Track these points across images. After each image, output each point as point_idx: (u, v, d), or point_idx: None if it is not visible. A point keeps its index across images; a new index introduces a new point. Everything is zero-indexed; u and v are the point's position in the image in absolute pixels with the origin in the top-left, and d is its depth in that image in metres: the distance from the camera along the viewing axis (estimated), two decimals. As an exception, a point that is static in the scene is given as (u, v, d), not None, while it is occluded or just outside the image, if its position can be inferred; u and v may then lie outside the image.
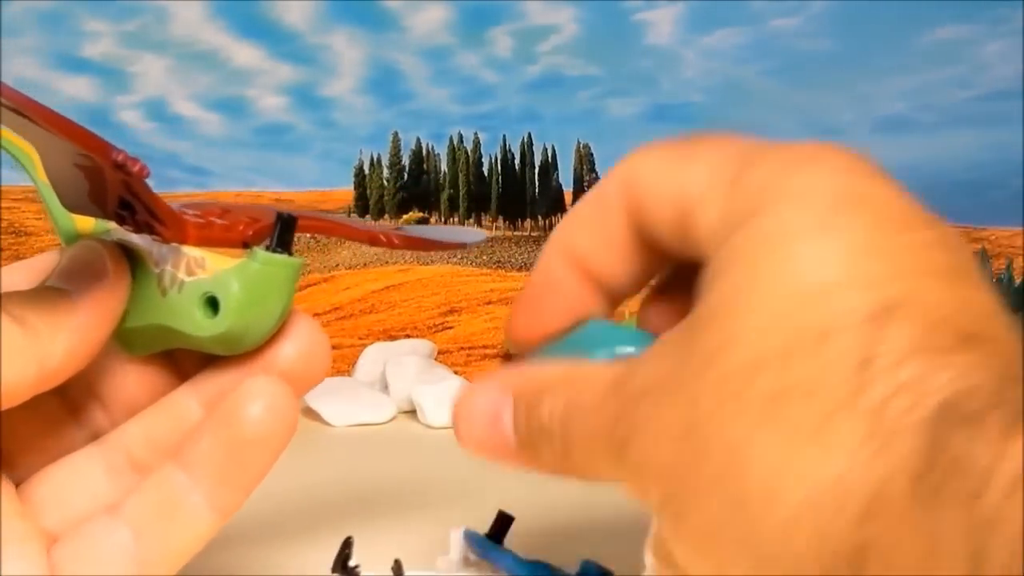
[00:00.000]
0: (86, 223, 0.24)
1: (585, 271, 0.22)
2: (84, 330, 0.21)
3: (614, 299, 0.23)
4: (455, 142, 0.79)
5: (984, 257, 0.78)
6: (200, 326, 0.22)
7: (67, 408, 0.24)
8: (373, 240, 0.26)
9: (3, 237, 0.72)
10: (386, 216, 0.79)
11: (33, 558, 0.20)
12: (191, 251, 0.22)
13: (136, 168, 0.20)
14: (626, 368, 0.18)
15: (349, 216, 0.78)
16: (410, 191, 0.79)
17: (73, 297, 0.21)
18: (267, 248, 0.21)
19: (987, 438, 0.13)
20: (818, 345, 0.15)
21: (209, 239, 0.22)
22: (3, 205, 0.73)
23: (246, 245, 0.22)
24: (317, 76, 0.77)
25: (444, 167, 0.79)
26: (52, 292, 0.21)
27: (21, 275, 0.23)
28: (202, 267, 0.22)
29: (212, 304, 0.22)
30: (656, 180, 0.20)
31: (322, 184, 0.79)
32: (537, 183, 0.81)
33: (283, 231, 0.22)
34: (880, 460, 0.14)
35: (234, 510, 0.22)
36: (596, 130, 0.81)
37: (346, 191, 0.78)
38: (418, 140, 0.79)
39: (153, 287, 0.22)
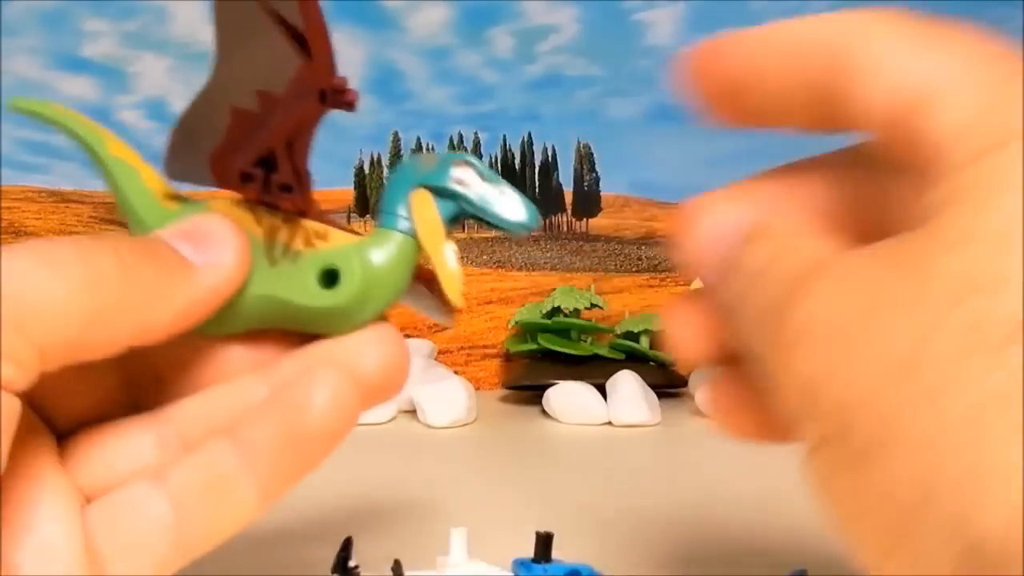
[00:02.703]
0: (169, 208, 0.23)
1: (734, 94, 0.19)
2: (195, 305, 0.20)
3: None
4: (455, 142, 0.79)
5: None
6: (315, 296, 0.21)
7: (122, 380, 0.23)
8: None
9: (3, 237, 0.72)
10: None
11: (66, 516, 0.20)
12: (311, 223, 0.22)
13: (351, 96, 0.21)
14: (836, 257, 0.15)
15: (348, 218, 0.78)
16: (410, 191, 0.79)
17: (192, 265, 0.20)
18: None
19: None
20: None
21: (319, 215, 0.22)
22: (3, 205, 0.73)
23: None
24: (317, 76, 0.77)
25: (444, 167, 0.79)
26: (171, 253, 0.20)
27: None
28: (323, 238, 0.22)
29: (329, 277, 0.22)
30: (883, 51, 0.16)
31: (322, 184, 0.78)
32: (537, 183, 0.81)
33: None
34: None
35: (277, 498, 0.21)
36: (596, 130, 0.81)
37: (346, 191, 0.78)
38: (418, 140, 0.79)
39: (259, 255, 0.22)
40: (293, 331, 0.22)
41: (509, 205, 0.22)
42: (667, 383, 0.69)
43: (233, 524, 0.21)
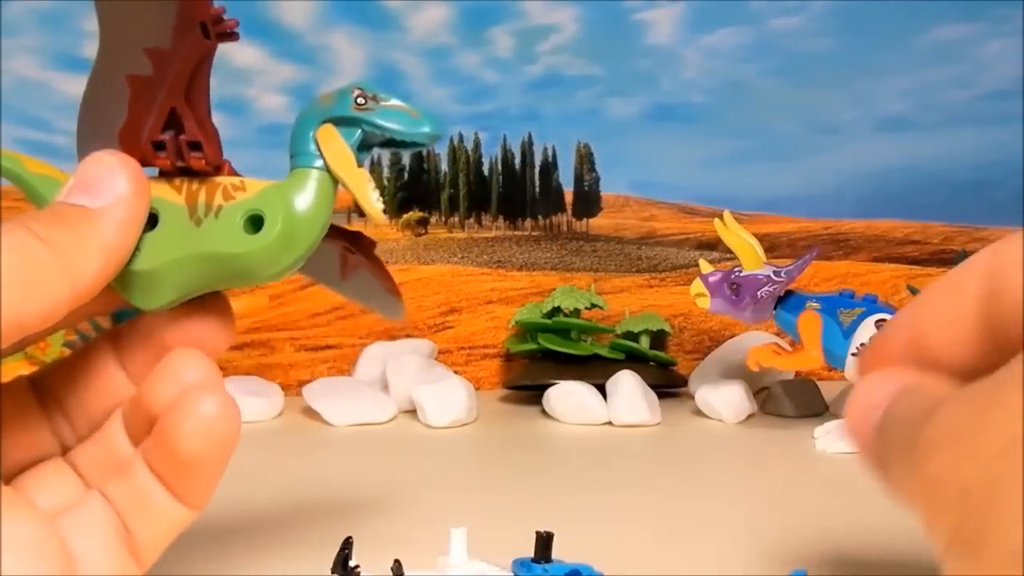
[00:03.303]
0: None
1: (923, 347, 0.22)
2: (112, 245, 0.21)
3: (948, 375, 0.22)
4: (455, 142, 0.79)
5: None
6: (243, 242, 0.22)
7: (43, 410, 0.24)
8: None
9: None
10: (386, 215, 0.79)
11: (37, 522, 0.20)
12: (227, 179, 0.23)
13: (231, 23, 0.22)
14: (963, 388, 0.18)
15: (348, 218, 0.78)
16: (410, 191, 0.79)
17: (94, 212, 0.21)
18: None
19: None
20: None
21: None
22: (3, 205, 0.73)
23: None
24: (317, 76, 0.77)
25: (444, 167, 0.79)
26: (72, 209, 0.21)
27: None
28: (241, 189, 0.23)
29: (255, 222, 0.22)
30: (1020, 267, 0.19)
31: (322, 184, 0.79)
32: (537, 183, 0.81)
33: None
34: None
35: (205, 501, 0.23)
36: (596, 130, 0.81)
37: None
38: (418, 140, 0.79)
39: (184, 219, 0.23)
40: (220, 289, 0.24)
41: (411, 118, 0.23)
42: (667, 383, 0.69)
43: (168, 531, 0.23)
